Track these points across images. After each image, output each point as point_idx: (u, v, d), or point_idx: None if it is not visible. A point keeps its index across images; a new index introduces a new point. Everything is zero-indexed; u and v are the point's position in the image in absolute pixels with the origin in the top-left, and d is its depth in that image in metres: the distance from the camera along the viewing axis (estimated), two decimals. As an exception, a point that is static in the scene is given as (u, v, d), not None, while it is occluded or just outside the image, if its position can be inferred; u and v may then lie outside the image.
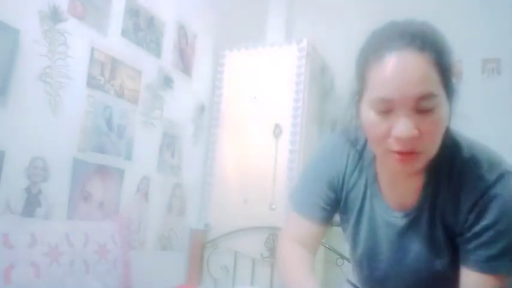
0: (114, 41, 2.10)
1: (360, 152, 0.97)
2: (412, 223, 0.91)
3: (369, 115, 0.80)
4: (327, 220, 1.02)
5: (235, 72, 2.80)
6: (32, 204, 1.69)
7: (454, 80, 0.79)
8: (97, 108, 1.99)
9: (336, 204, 1.02)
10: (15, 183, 1.63)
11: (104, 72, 2.03)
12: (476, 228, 0.83)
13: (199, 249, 2.60)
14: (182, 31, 2.61)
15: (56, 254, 1.57)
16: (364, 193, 0.96)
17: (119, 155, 2.12)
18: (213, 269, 2.56)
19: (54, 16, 1.79)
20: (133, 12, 2.22)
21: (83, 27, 1.92)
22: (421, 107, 0.74)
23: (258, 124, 2.63)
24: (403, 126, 0.75)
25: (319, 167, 1.02)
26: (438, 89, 0.75)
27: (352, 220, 1.00)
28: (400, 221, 0.92)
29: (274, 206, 2.52)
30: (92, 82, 1.97)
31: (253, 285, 2.43)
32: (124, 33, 2.17)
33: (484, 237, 0.82)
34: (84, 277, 1.65)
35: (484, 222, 0.82)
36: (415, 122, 0.75)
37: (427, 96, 0.74)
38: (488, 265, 0.83)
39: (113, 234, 1.86)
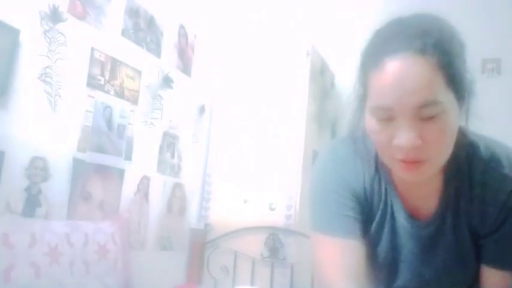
0: (114, 41, 2.10)
1: (375, 158, 0.89)
2: (436, 232, 0.87)
3: (371, 122, 0.76)
4: (362, 233, 0.89)
5: (234, 72, 2.80)
6: (32, 204, 1.68)
7: (468, 79, 0.74)
8: (97, 108, 1.99)
9: (363, 214, 0.90)
10: (15, 183, 1.63)
11: (104, 72, 2.03)
12: (505, 229, 0.81)
13: (199, 249, 2.60)
14: (182, 31, 2.61)
15: (56, 254, 1.57)
16: (385, 202, 0.89)
17: (119, 155, 2.12)
18: (213, 269, 2.56)
19: (54, 16, 1.78)
20: (133, 12, 2.22)
21: (83, 27, 1.92)
22: (424, 115, 0.69)
23: (257, 124, 2.64)
24: (404, 136, 0.71)
25: (336, 179, 0.90)
26: (443, 95, 0.69)
27: (372, 230, 0.91)
28: (423, 231, 0.87)
29: (274, 206, 2.52)
30: (92, 82, 1.97)
31: (253, 285, 2.43)
32: (124, 33, 2.17)
33: (506, 241, 0.82)
34: (84, 277, 1.65)
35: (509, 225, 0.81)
36: (418, 130, 0.70)
37: (429, 104, 0.68)
38: None
39: (113, 234, 1.86)
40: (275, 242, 2.48)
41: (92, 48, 1.97)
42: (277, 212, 2.50)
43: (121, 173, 2.14)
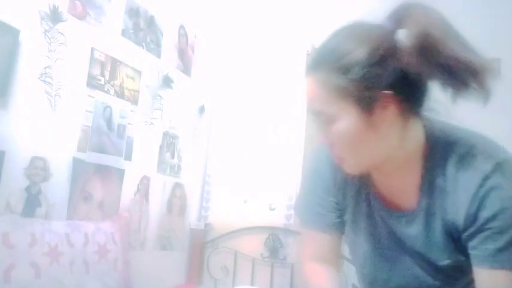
0: (114, 41, 2.10)
1: None
2: (410, 223, 0.89)
3: None
4: (338, 227, 1.01)
5: (234, 72, 2.80)
6: (32, 204, 1.68)
7: (375, 90, 0.78)
8: (97, 108, 1.99)
9: (341, 208, 1.00)
10: (15, 183, 1.63)
11: (104, 72, 2.03)
12: (479, 221, 0.80)
13: (199, 249, 2.60)
14: (182, 31, 2.61)
15: (56, 254, 1.57)
16: (359, 193, 0.96)
17: (119, 155, 2.12)
18: (213, 269, 2.56)
19: (54, 16, 1.78)
20: (133, 12, 2.22)
21: (83, 27, 1.92)
22: (322, 121, 0.84)
23: (257, 124, 2.64)
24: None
25: (314, 176, 1.03)
26: (332, 106, 0.80)
27: (349, 221, 1.00)
28: (398, 221, 0.91)
29: (274, 206, 2.52)
30: (92, 82, 1.97)
31: (253, 285, 2.43)
32: (124, 33, 2.17)
33: (487, 230, 0.79)
34: (84, 277, 1.65)
35: (485, 214, 0.79)
36: (323, 131, 0.85)
37: (318, 113, 0.83)
38: (497, 259, 0.79)
39: (113, 234, 1.86)
40: (275, 242, 2.48)
41: (92, 48, 1.97)
42: (277, 212, 2.50)
43: (121, 173, 2.14)
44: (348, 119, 0.80)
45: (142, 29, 2.29)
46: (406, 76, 0.77)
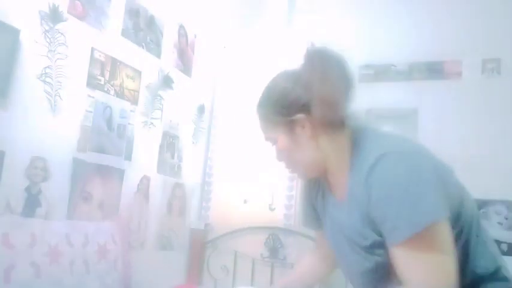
0: (114, 41, 2.10)
1: None
2: (341, 212, 1.05)
3: None
4: (320, 224, 1.22)
5: (235, 72, 2.80)
6: (32, 204, 1.68)
7: (289, 118, 1.03)
8: (97, 108, 1.99)
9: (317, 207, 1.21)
10: (15, 183, 1.63)
11: (104, 72, 2.03)
12: (371, 209, 0.92)
13: (199, 249, 2.60)
14: (182, 31, 2.61)
15: (56, 254, 1.57)
16: (323, 193, 1.15)
17: (119, 155, 2.12)
18: (213, 269, 2.56)
19: (54, 16, 1.79)
20: (133, 12, 2.22)
21: (83, 27, 1.92)
22: (271, 143, 1.11)
23: (258, 124, 2.63)
24: None
25: (303, 184, 1.28)
26: (272, 131, 1.09)
27: (322, 220, 1.19)
28: (336, 211, 1.08)
29: (274, 206, 2.52)
30: (92, 82, 1.97)
31: (253, 286, 2.43)
32: (124, 33, 2.17)
33: (379, 216, 0.91)
34: (84, 277, 1.65)
35: (373, 201, 0.91)
36: (274, 151, 1.11)
37: (266, 138, 1.12)
38: (392, 240, 0.89)
39: (113, 234, 1.86)
40: (275, 242, 2.48)
41: (92, 48, 1.97)
42: (277, 212, 2.50)
43: (121, 173, 2.14)
44: (281, 140, 1.07)
45: (142, 29, 2.29)
46: (314, 103, 0.99)
